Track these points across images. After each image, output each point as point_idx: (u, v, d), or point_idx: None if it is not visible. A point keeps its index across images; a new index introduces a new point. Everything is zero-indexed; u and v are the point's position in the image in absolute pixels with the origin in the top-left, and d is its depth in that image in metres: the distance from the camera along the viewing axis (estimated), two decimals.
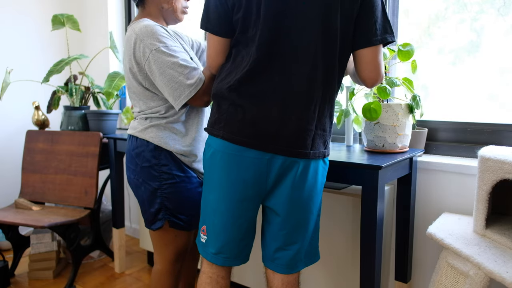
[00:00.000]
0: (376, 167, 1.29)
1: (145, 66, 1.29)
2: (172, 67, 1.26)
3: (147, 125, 1.37)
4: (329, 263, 1.67)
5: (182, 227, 1.40)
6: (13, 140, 2.83)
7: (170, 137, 1.37)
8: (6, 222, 2.04)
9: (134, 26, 1.34)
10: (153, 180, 1.36)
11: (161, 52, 1.26)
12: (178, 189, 1.37)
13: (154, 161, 1.36)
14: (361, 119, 1.64)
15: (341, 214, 1.62)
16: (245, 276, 1.97)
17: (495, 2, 1.65)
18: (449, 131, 1.73)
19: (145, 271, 2.42)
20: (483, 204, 1.27)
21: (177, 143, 1.38)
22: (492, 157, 1.22)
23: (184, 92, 1.28)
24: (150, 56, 1.27)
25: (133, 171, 1.40)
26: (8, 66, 2.75)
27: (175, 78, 1.27)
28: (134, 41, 1.30)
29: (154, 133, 1.36)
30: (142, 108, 1.39)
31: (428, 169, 1.66)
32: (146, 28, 1.29)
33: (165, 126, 1.37)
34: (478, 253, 1.19)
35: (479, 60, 1.72)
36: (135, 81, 1.35)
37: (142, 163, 1.37)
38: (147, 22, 1.33)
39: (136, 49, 1.30)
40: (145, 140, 1.37)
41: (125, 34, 1.46)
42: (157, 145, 1.36)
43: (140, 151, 1.37)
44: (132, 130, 1.41)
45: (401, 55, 1.52)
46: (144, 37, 1.28)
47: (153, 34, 1.28)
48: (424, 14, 1.83)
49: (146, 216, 1.42)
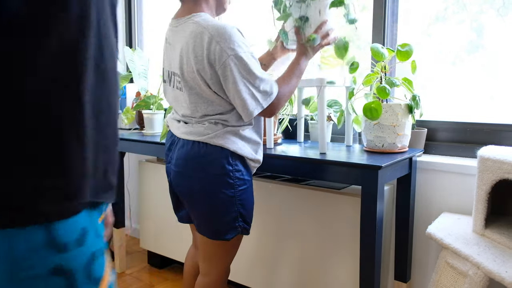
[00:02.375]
0: (375, 167, 1.29)
1: (219, 70, 1.20)
2: (248, 77, 1.21)
3: (220, 131, 1.27)
4: (329, 263, 1.67)
5: (248, 232, 1.37)
6: None
7: (243, 143, 1.31)
8: None
9: (200, 20, 1.23)
10: (228, 187, 1.28)
11: (239, 59, 1.19)
12: (249, 194, 1.34)
13: (229, 167, 1.28)
14: (360, 119, 1.64)
15: (340, 214, 1.63)
16: (244, 275, 1.97)
17: (495, 3, 1.65)
18: (449, 131, 1.74)
19: (145, 271, 2.43)
20: (483, 204, 1.27)
21: (249, 149, 1.33)
22: (491, 157, 1.23)
23: (258, 105, 1.24)
24: (227, 61, 1.18)
25: (201, 179, 1.28)
26: None
27: (250, 89, 1.22)
28: (209, 41, 1.19)
29: (230, 139, 1.28)
30: (207, 112, 1.28)
31: (428, 169, 1.66)
32: (222, 29, 1.19)
33: (239, 132, 1.30)
34: (478, 253, 1.20)
35: (478, 60, 1.72)
36: (203, 83, 1.24)
37: (215, 170, 1.27)
38: (212, 18, 1.25)
39: (211, 50, 1.19)
40: (219, 146, 1.27)
41: (175, 26, 1.31)
42: (232, 151, 1.28)
43: (212, 158, 1.27)
44: (199, 136, 1.28)
45: (400, 55, 1.52)
46: (221, 38, 1.18)
47: (230, 36, 1.19)
48: (423, 14, 1.84)
49: (217, 227, 1.31)
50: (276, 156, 1.54)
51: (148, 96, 2.28)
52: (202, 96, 1.26)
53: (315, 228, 1.70)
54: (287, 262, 1.80)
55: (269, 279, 1.87)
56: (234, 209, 1.30)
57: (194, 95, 1.27)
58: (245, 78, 1.21)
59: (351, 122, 1.74)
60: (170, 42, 1.33)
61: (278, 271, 1.84)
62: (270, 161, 1.55)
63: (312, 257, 1.72)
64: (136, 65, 2.30)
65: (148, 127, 2.29)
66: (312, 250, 1.72)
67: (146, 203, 2.40)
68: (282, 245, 1.81)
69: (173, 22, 1.33)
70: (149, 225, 2.39)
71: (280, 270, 1.83)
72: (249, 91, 1.22)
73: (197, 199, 1.30)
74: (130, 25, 2.99)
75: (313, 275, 1.73)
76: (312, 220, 1.70)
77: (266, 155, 1.57)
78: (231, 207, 1.29)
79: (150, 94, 2.34)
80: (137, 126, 2.64)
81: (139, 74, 2.29)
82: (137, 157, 2.88)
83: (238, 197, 1.30)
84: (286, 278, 1.81)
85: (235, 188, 1.29)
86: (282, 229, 1.80)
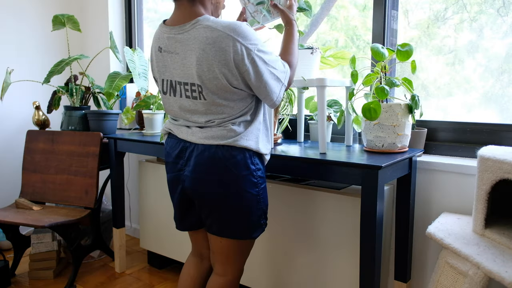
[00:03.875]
0: (375, 167, 1.29)
1: (248, 67, 1.20)
2: (271, 64, 1.25)
3: (244, 133, 1.27)
4: (329, 262, 1.67)
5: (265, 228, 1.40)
6: (14, 140, 2.83)
7: (261, 139, 1.32)
8: (7, 222, 2.04)
9: (211, 24, 1.20)
10: (253, 187, 1.29)
11: (261, 52, 1.22)
12: (266, 190, 1.37)
13: (252, 167, 1.29)
14: (361, 119, 1.64)
15: (341, 214, 1.63)
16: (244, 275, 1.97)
17: (495, 3, 1.65)
18: (449, 131, 1.74)
19: (145, 271, 2.43)
20: (483, 204, 1.27)
21: (265, 144, 1.34)
22: (491, 157, 1.23)
23: (282, 86, 1.30)
24: (254, 57, 1.20)
25: (229, 182, 1.27)
26: (8, 66, 2.75)
27: (274, 74, 1.26)
28: (232, 43, 1.18)
29: (252, 139, 1.28)
30: (232, 112, 1.27)
31: (428, 169, 1.66)
32: (239, 28, 1.19)
33: (257, 128, 1.31)
34: (478, 253, 1.20)
35: (478, 60, 1.72)
36: (228, 84, 1.22)
37: (241, 172, 1.27)
38: (220, 19, 1.23)
39: (235, 50, 1.18)
40: (242, 147, 1.27)
41: (178, 34, 1.25)
42: (255, 150, 1.29)
43: (238, 159, 1.26)
44: (223, 140, 1.26)
45: (400, 55, 1.52)
46: (242, 37, 1.19)
47: (248, 33, 1.20)
48: (423, 14, 1.84)
49: (243, 227, 1.32)
50: (276, 156, 1.54)
51: (148, 96, 2.28)
52: (226, 99, 1.24)
53: (315, 228, 1.70)
54: (287, 261, 1.80)
55: (269, 278, 1.87)
56: (259, 207, 1.32)
57: (218, 100, 1.24)
58: (269, 66, 1.24)
59: (351, 122, 1.74)
60: (172, 50, 1.27)
61: (277, 271, 1.84)
62: (270, 161, 1.55)
63: (312, 257, 1.72)
64: (136, 65, 2.30)
65: (148, 127, 2.29)
66: (312, 250, 1.72)
67: (146, 203, 2.40)
68: (282, 245, 1.81)
69: (173, 29, 1.26)
70: (149, 225, 2.39)
71: (279, 269, 1.83)
72: (273, 77, 1.26)
73: (225, 202, 1.29)
74: (130, 25, 2.99)
75: (313, 275, 1.73)
76: (312, 220, 1.70)
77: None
78: (256, 205, 1.32)
79: (150, 94, 2.34)
80: (137, 126, 2.64)
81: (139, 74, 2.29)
82: (137, 157, 2.88)
83: (261, 195, 1.32)
84: (286, 277, 1.81)
85: (258, 186, 1.31)
86: (281, 229, 1.80)
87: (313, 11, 2.19)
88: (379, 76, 1.58)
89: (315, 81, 1.58)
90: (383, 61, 1.56)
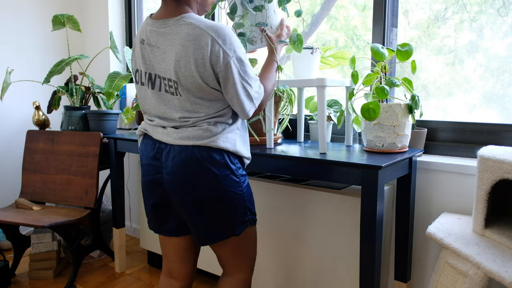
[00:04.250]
0: (375, 167, 1.29)
1: (220, 71, 1.20)
2: (246, 78, 1.24)
3: (220, 134, 1.26)
4: (329, 263, 1.67)
5: (255, 222, 1.40)
6: (14, 140, 2.84)
7: (238, 143, 1.31)
8: (7, 222, 2.04)
9: (194, 22, 1.20)
10: (236, 186, 1.28)
11: (239, 61, 1.21)
12: (249, 187, 1.36)
13: (232, 166, 1.28)
14: (360, 119, 1.64)
15: (341, 214, 1.63)
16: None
17: (495, 3, 1.65)
18: (449, 131, 1.74)
19: (145, 271, 2.43)
20: (482, 204, 1.27)
21: (244, 148, 1.34)
22: (491, 157, 1.23)
23: (253, 106, 1.28)
24: (229, 63, 1.19)
25: (208, 182, 1.25)
26: (8, 66, 2.75)
27: (247, 90, 1.25)
28: (211, 42, 1.17)
29: (229, 141, 1.27)
30: (207, 112, 1.26)
31: (428, 169, 1.66)
32: (222, 30, 1.19)
33: (236, 131, 1.31)
34: (478, 253, 1.20)
35: (478, 60, 1.72)
36: (204, 85, 1.21)
37: (221, 171, 1.25)
38: (205, 19, 1.23)
39: (213, 51, 1.18)
40: (219, 148, 1.25)
41: (161, 27, 1.25)
42: (232, 151, 1.28)
43: (216, 159, 1.25)
44: (198, 140, 1.24)
45: (400, 55, 1.52)
46: (222, 40, 1.18)
47: (230, 38, 1.20)
48: (423, 14, 1.84)
49: (227, 225, 1.30)
50: (276, 156, 1.54)
51: None
52: (201, 98, 1.24)
53: (315, 228, 1.70)
54: (286, 261, 1.80)
55: (269, 278, 1.87)
56: (243, 205, 1.31)
57: (193, 98, 1.24)
58: (244, 79, 1.23)
59: (351, 122, 1.75)
60: (153, 43, 1.26)
61: (277, 271, 1.84)
62: (270, 161, 1.55)
63: (312, 257, 1.72)
64: None
65: None
66: (312, 250, 1.72)
67: None
68: (281, 245, 1.81)
69: (156, 23, 1.25)
70: None
71: (279, 269, 1.83)
72: (246, 92, 1.25)
73: (206, 203, 1.26)
74: (130, 25, 2.99)
75: (313, 275, 1.73)
76: (312, 220, 1.70)
77: (266, 155, 1.57)
78: (240, 204, 1.30)
79: None
80: (137, 126, 2.64)
81: None
82: (137, 157, 2.88)
83: (245, 193, 1.31)
84: (286, 277, 1.81)
85: (241, 185, 1.30)
86: (281, 229, 1.80)
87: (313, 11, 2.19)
88: (379, 76, 1.58)
89: (315, 81, 1.58)
90: (383, 61, 1.56)
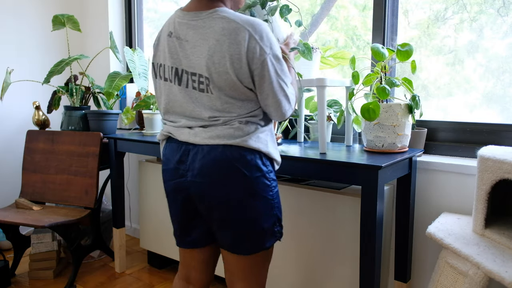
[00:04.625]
0: (375, 167, 1.29)
1: (256, 69, 1.13)
2: (283, 77, 1.18)
3: (253, 133, 1.18)
4: (329, 263, 1.67)
5: (282, 236, 1.28)
6: (14, 140, 2.83)
7: (271, 144, 1.24)
8: (7, 222, 2.04)
9: (230, 16, 1.13)
10: (267, 190, 1.19)
11: (276, 58, 1.15)
12: (279, 194, 1.26)
13: (264, 168, 1.19)
14: (361, 119, 1.64)
15: (341, 214, 1.63)
16: None
17: (495, 3, 1.65)
18: (449, 131, 1.74)
19: (145, 271, 2.43)
20: (482, 204, 1.27)
21: (275, 151, 1.26)
22: (491, 157, 1.23)
23: (290, 108, 1.22)
24: (266, 59, 1.13)
25: (239, 184, 1.16)
26: (8, 66, 2.75)
27: (284, 90, 1.18)
28: (248, 38, 1.10)
29: (262, 142, 1.20)
30: (240, 111, 1.18)
31: (428, 169, 1.66)
32: (259, 26, 1.12)
33: (266, 132, 1.23)
34: (478, 253, 1.20)
35: (478, 60, 1.72)
36: (238, 82, 1.14)
37: (253, 173, 1.16)
38: (241, 14, 1.17)
39: (249, 46, 1.11)
40: (252, 148, 1.17)
41: (192, 20, 1.17)
42: (265, 152, 1.20)
43: (247, 160, 1.16)
44: (230, 139, 1.16)
45: (400, 55, 1.52)
46: (259, 36, 1.12)
47: (266, 34, 1.13)
48: (423, 14, 1.84)
49: (257, 236, 1.19)
50: None
51: (148, 96, 2.28)
52: (233, 97, 1.16)
53: (315, 228, 1.70)
54: (286, 262, 1.80)
55: (269, 278, 1.87)
56: (273, 213, 1.21)
57: (224, 97, 1.15)
58: (280, 78, 1.17)
59: (351, 122, 1.74)
60: (181, 37, 1.18)
61: (277, 271, 1.84)
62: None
63: (312, 257, 1.72)
64: (136, 65, 2.30)
65: (148, 127, 2.29)
66: (312, 250, 1.72)
67: (146, 203, 2.40)
68: (281, 245, 1.81)
69: (187, 15, 1.18)
70: (149, 225, 2.39)
71: (279, 270, 1.83)
72: (283, 92, 1.18)
73: (235, 207, 1.17)
74: (130, 25, 2.99)
75: (313, 275, 1.73)
76: (312, 220, 1.70)
77: None
78: (270, 211, 1.20)
79: (150, 94, 2.34)
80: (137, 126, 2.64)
81: (139, 74, 2.29)
82: (137, 157, 2.88)
83: (275, 200, 1.22)
84: (286, 277, 1.81)
85: (272, 190, 1.21)
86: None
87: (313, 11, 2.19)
88: (379, 76, 1.58)
89: (315, 81, 1.58)
90: (383, 61, 1.56)
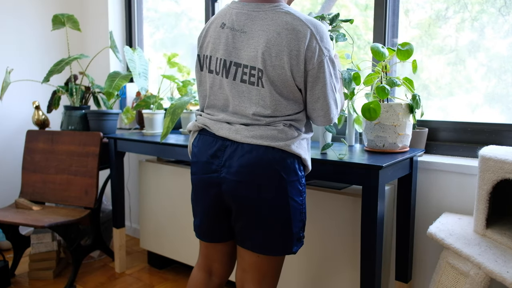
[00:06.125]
0: (376, 167, 1.28)
1: (312, 69, 1.12)
2: (334, 82, 1.17)
3: (296, 137, 1.17)
4: (329, 263, 1.67)
5: (303, 243, 1.29)
6: (14, 140, 2.83)
7: (307, 150, 1.23)
8: (7, 222, 2.04)
9: (293, 12, 1.12)
10: (298, 195, 1.19)
11: (332, 62, 1.15)
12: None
13: (300, 173, 1.19)
14: (361, 119, 1.64)
15: (341, 214, 1.62)
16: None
17: (496, 2, 1.65)
18: (450, 131, 1.73)
19: (145, 271, 2.42)
20: (484, 204, 1.27)
21: (310, 157, 1.25)
22: (492, 157, 1.22)
23: (337, 114, 1.21)
24: (323, 61, 1.12)
25: (276, 188, 1.15)
26: (8, 66, 2.75)
27: (334, 94, 1.17)
28: (310, 37, 1.10)
29: (303, 148, 1.19)
30: (286, 111, 1.17)
31: (429, 169, 1.66)
32: (320, 26, 1.12)
33: (306, 139, 1.22)
34: (479, 253, 1.19)
35: (480, 60, 1.71)
36: (291, 77, 1.12)
37: (289, 176, 1.16)
38: (302, 13, 1.16)
39: (309, 45, 1.10)
40: (295, 154, 1.16)
41: (253, 11, 1.15)
42: (303, 158, 1.20)
43: (287, 163, 1.15)
44: (274, 141, 1.14)
45: (401, 55, 1.52)
46: (320, 36, 1.11)
47: (326, 36, 1.13)
48: (424, 14, 1.83)
49: (286, 239, 1.18)
50: None
51: (148, 96, 2.28)
52: (281, 95, 1.14)
53: (315, 228, 1.70)
54: (286, 262, 1.80)
55: None
56: (301, 218, 1.21)
57: (275, 92, 1.13)
58: (333, 82, 1.16)
59: (352, 122, 1.74)
60: (237, 28, 1.15)
61: None
62: None
63: (312, 257, 1.72)
64: (136, 64, 2.30)
65: (148, 127, 2.28)
66: (312, 250, 1.71)
67: (146, 203, 2.40)
68: None
69: (247, 6, 1.16)
70: (149, 225, 2.39)
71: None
72: (333, 96, 1.17)
73: (269, 210, 1.15)
74: (130, 25, 2.98)
75: (313, 275, 1.72)
76: (312, 220, 1.70)
77: None
78: (299, 216, 1.20)
79: (150, 94, 2.33)
80: (137, 126, 2.64)
81: (139, 74, 2.28)
82: (137, 157, 2.87)
83: (303, 205, 1.22)
84: (286, 278, 1.81)
85: (302, 195, 1.21)
86: None
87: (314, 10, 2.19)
88: (379, 75, 1.58)
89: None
90: (383, 61, 1.55)
